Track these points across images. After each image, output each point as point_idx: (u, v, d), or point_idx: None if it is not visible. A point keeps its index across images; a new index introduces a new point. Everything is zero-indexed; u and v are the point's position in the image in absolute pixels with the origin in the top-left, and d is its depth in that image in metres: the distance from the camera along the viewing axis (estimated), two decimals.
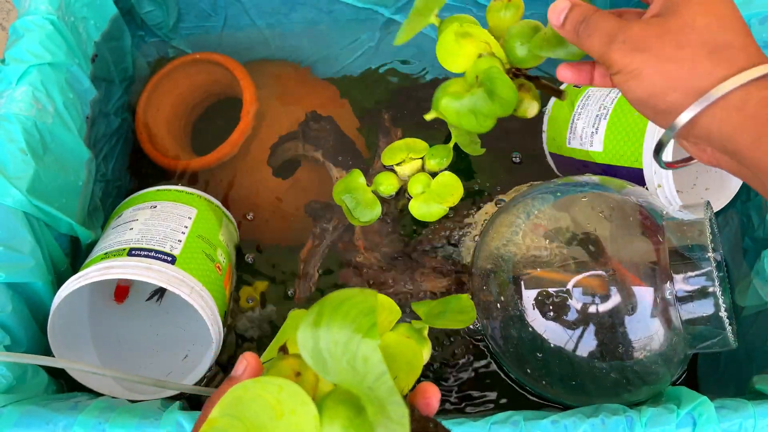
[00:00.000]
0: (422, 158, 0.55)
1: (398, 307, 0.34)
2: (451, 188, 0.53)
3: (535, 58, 0.42)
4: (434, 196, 0.54)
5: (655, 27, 0.32)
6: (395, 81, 0.66)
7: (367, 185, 0.56)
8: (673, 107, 0.31)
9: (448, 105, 0.43)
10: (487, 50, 0.42)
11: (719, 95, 0.29)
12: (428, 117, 0.46)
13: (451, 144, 0.55)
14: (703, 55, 0.30)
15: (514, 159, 0.61)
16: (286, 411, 0.24)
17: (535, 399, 0.51)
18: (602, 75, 0.39)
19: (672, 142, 0.45)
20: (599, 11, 0.35)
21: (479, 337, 0.53)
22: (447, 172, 0.54)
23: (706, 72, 0.30)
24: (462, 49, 0.42)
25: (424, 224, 0.58)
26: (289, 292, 0.57)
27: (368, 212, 0.54)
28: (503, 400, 0.52)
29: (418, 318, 0.37)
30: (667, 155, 0.48)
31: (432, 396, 0.31)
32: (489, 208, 0.58)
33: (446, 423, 0.41)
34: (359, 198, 0.54)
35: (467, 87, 0.43)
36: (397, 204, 0.58)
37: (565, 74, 0.39)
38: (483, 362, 0.53)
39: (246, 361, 0.30)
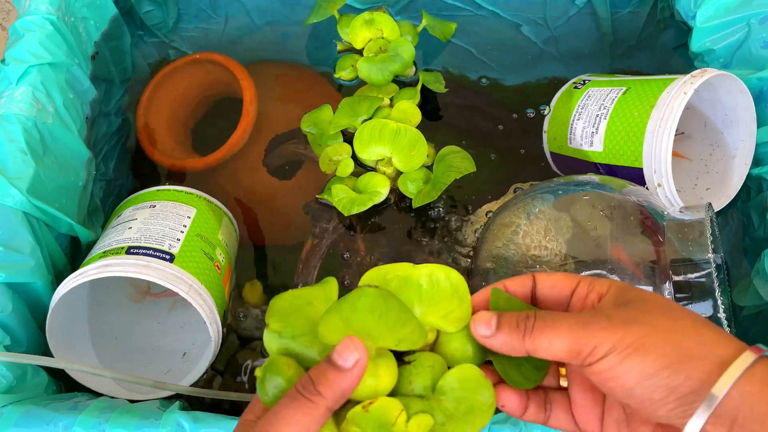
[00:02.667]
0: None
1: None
2: (409, 114, 0.57)
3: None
4: (396, 120, 0.57)
5: (634, 309, 0.28)
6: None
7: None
8: (696, 378, 0.26)
9: (363, 65, 0.59)
10: (379, 35, 0.61)
11: (751, 361, 0.26)
12: (339, 74, 0.63)
13: (419, 86, 0.60)
14: (702, 325, 0.27)
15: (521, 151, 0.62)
16: None
17: None
18: (537, 407, 0.32)
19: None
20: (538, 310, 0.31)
21: None
22: (406, 101, 0.58)
23: (714, 340, 0.27)
24: (363, 33, 0.61)
25: (424, 223, 0.58)
26: None
27: (331, 142, 0.57)
28: None
29: None
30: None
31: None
32: (491, 206, 0.58)
33: None
34: (324, 129, 0.57)
35: (370, 56, 0.60)
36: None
37: (511, 402, 0.32)
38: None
39: (356, 355, 0.27)
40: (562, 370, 0.33)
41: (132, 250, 0.46)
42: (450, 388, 0.31)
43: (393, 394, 0.31)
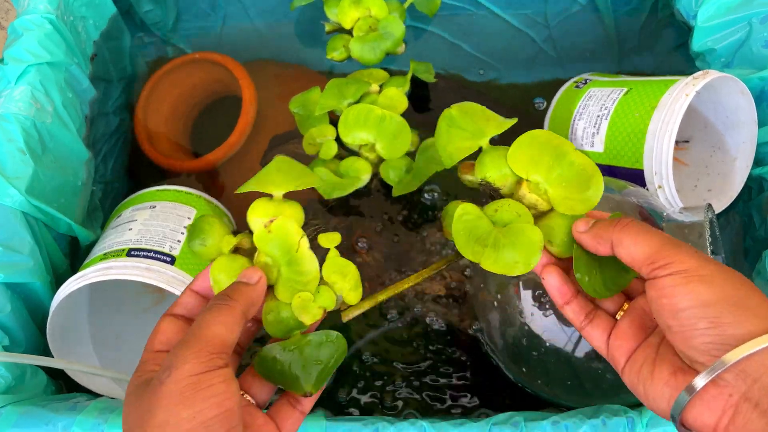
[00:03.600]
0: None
1: None
2: (396, 101, 0.57)
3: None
4: (383, 107, 0.57)
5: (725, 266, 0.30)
6: None
7: None
8: (743, 326, 0.27)
9: (355, 45, 0.61)
10: (367, 14, 0.62)
11: None
12: (331, 55, 0.63)
13: (409, 75, 0.60)
14: (763, 295, 0.29)
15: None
16: None
17: (535, 400, 0.51)
18: (579, 308, 0.35)
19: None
20: None
21: (477, 336, 0.53)
22: (393, 88, 0.58)
23: None
24: (352, 12, 0.61)
25: (424, 223, 0.58)
26: None
27: (318, 124, 0.58)
28: (504, 401, 0.52)
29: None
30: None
31: None
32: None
33: (446, 423, 0.41)
34: (311, 110, 0.58)
35: (361, 35, 0.61)
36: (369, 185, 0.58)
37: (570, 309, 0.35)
38: (481, 362, 0.53)
39: (258, 274, 0.35)
40: (626, 305, 0.35)
41: (133, 252, 0.46)
42: (513, 231, 0.35)
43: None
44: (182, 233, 0.50)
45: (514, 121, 0.39)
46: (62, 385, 0.48)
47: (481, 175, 0.38)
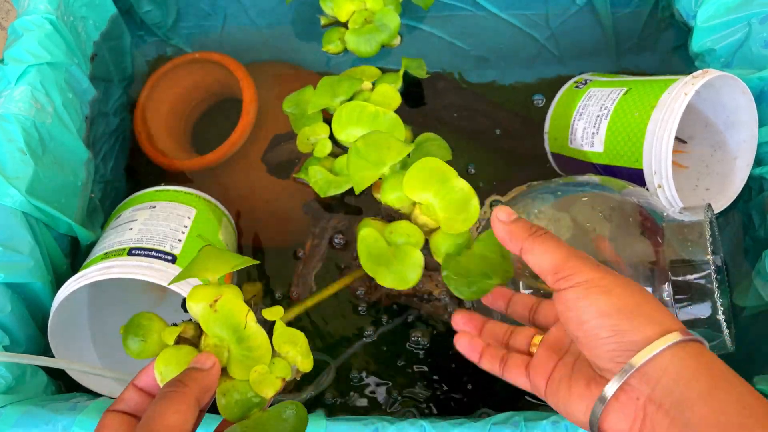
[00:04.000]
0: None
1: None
2: (389, 98, 0.57)
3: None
4: (376, 103, 0.57)
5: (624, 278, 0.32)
6: None
7: None
8: (641, 332, 0.29)
9: (350, 37, 0.62)
10: (362, 6, 0.63)
11: (689, 338, 0.29)
12: (327, 47, 0.64)
13: (401, 71, 0.60)
14: (666, 310, 0.31)
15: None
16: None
17: (533, 399, 0.51)
18: (492, 359, 0.38)
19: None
20: None
21: None
22: (386, 84, 0.58)
23: (670, 317, 0.30)
24: (347, 5, 0.62)
25: None
26: (294, 293, 0.57)
27: (311, 122, 0.58)
28: (504, 401, 0.52)
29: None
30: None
31: None
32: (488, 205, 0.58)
33: (446, 423, 0.41)
34: (305, 109, 0.58)
35: (357, 28, 0.62)
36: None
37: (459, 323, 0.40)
38: None
39: (212, 359, 0.34)
40: (536, 339, 0.37)
41: (134, 252, 0.46)
42: (402, 253, 0.41)
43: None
44: (183, 232, 0.50)
45: (411, 147, 0.45)
46: (62, 385, 0.49)
47: (382, 199, 0.43)
